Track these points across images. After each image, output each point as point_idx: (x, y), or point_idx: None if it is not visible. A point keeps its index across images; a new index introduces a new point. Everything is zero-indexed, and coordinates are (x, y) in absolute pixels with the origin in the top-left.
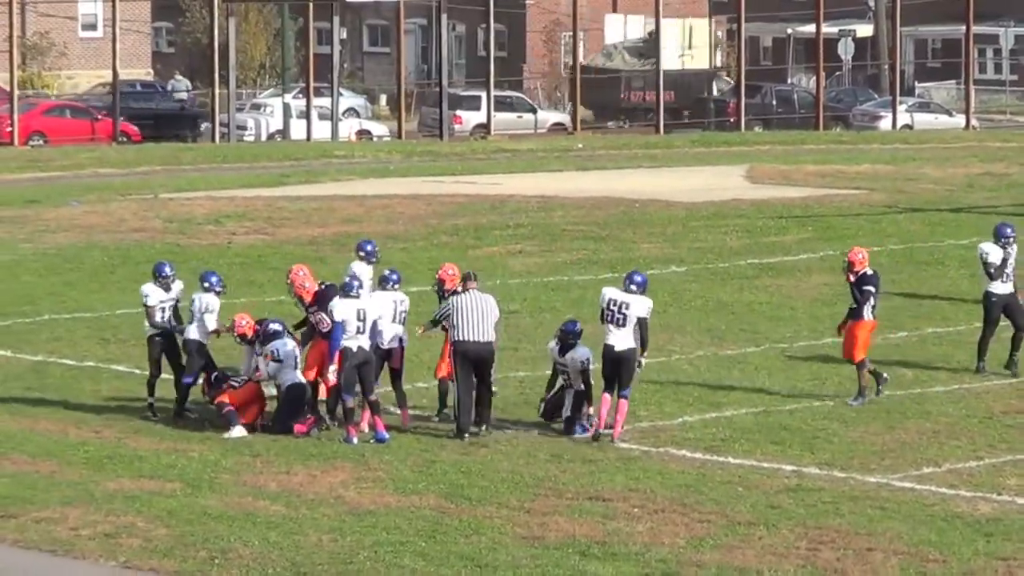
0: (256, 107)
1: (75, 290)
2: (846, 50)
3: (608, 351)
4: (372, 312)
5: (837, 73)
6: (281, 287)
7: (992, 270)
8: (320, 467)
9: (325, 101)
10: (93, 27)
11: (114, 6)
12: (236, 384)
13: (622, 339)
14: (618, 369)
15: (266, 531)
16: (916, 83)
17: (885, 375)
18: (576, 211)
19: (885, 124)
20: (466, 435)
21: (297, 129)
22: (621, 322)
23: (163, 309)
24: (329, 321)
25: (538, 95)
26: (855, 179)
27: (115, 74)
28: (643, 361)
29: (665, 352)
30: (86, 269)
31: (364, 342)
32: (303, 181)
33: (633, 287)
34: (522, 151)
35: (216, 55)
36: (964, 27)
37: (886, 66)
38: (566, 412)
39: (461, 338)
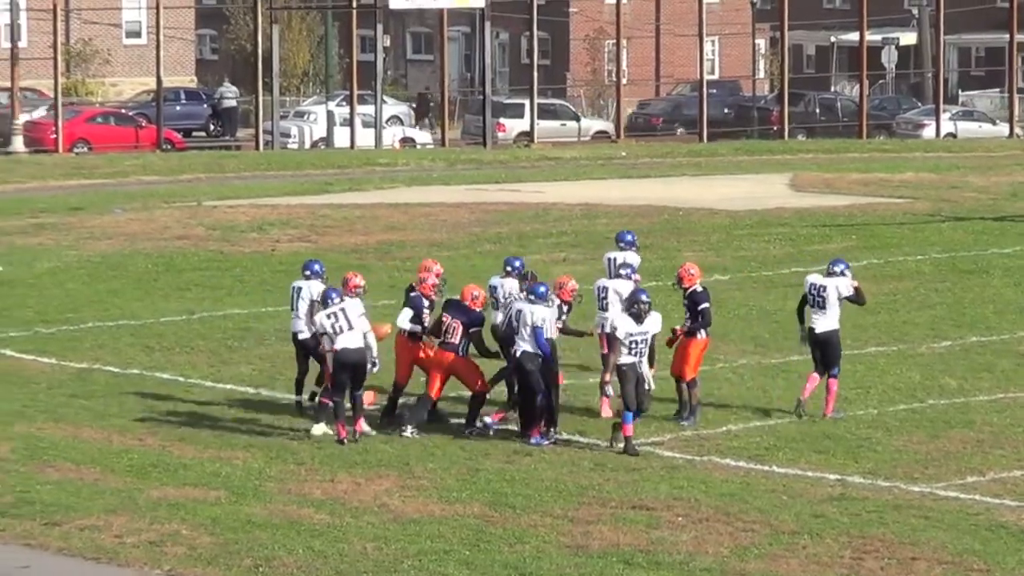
0: (300, 115)
1: (119, 298)
2: (889, 58)
3: (811, 333)
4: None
5: (881, 81)
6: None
7: None
8: (364, 475)
9: (369, 109)
10: (137, 34)
11: (158, 13)
12: None
13: (824, 322)
14: (823, 350)
15: (310, 539)
16: (960, 91)
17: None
18: (619, 219)
19: (929, 132)
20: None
21: (341, 137)
22: (821, 304)
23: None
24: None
25: (581, 103)
26: (898, 188)
27: (159, 81)
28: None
29: (709, 361)
30: (130, 277)
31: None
32: (346, 189)
33: (836, 270)
34: (565, 159)
35: (260, 62)
36: (1008, 35)
37: (929, 74)
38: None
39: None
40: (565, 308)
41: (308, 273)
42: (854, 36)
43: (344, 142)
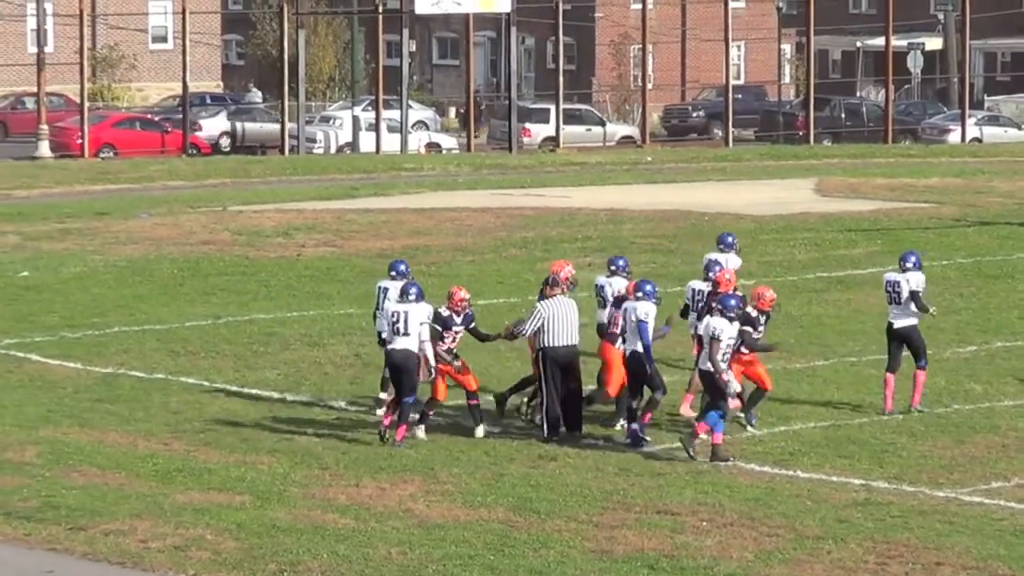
0: (325, 119)
1: (144, 302)
2: (915, 63)
3: (889, 329)
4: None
5: (906, 86)
6: (350, 299)
7: None
8: (389, 480)
9: (394, 114)
10: (163, 39)
11: (184, 19)
12: None
13: (902, 317)
14: (907, 344)
15: (335, 544)
16: (985, 96)
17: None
18: (645, 224)
19: (954, 137)
20: (554, 438)
21: (366, 142)
22: (897, 300)
23: None
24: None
25: (607, 108)
26: (924, 192)
27: (185, 86)
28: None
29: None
30: (155, 281)
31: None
32: (372, 194)
33: (908, 265)
34: (591, 164)
35: (286, 67)
36: None
37: (955, 79)
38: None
39: (550, 344)
40: (763, 319)
41: (394, 273)
42: (880, 41)
43: (370, 147)
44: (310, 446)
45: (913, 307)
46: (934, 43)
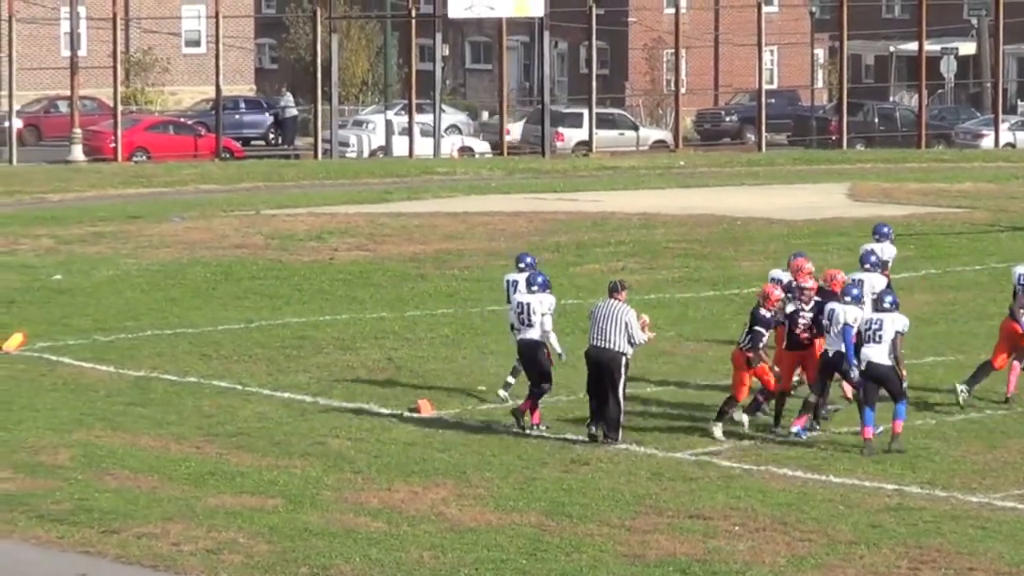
0: (358, 123)
1: (177, 306)
2: (948, 68)
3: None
4: None
5: (939, 91)
6: (383, 303)
7: None
8: (421, 484)
9: (427, 118)
10: (196, 43)
11: (217, 23)
12: None
13: None
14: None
15: (367, 548)
16: (1019, 101)
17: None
18: (678, 228)
19: (987, 142)
20: (594, 438)
21: (399, 146)
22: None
23: None
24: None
25: (640, 112)
26: (957, 197)
27: (218, 90)
28: None
29: None
30: (188, 285)
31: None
32: (405, 198)
33: None
34: (624, 168)
35: (319, 71)
36: None
37: (989, 84)
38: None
39: (589, 343)
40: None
41: (522, 266)
42: (913, 46)
43: (403, 151)
44: (342, 450)
45: None
46: (967, 48)
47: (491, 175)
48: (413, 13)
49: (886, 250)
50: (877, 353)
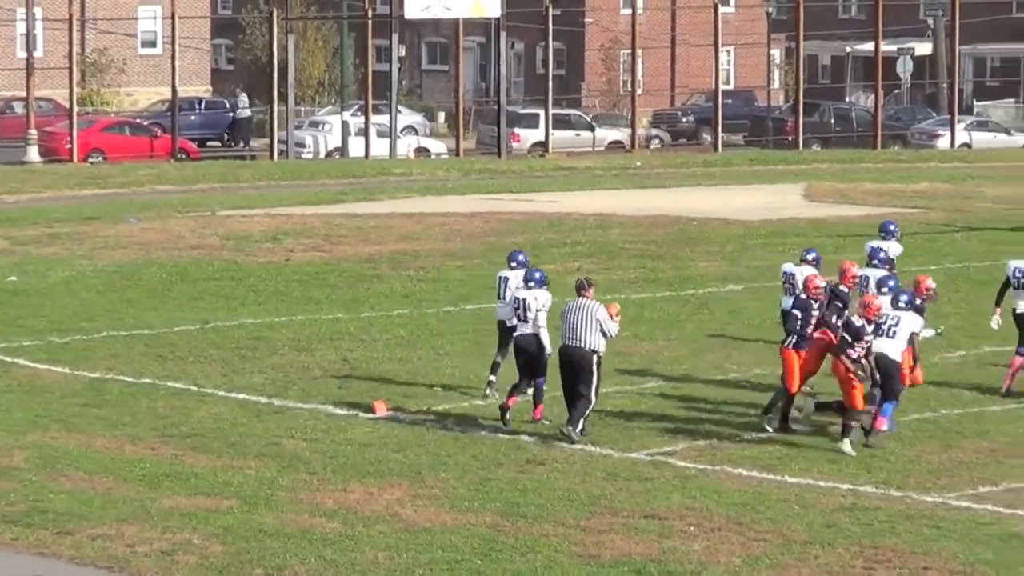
0: (314, 124)
1: (133, 307)
2: (905, 68)
3: (1013, 315)
4: None
5: (895, 91)
6: (339, 304)
7: None
8: (376, 484)
9: (383, 119)
10: (152, 44)
11: (173, 24)
12: None
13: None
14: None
15: (322, 548)
16: (975, 102)
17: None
18: (634, 229)
19: (943, 143)
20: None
21: (355, 146)
22: (1023, 284)
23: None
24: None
25: (596, 113)
26: (913, 198)
27: (174, 91)
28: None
29: (723, 370)
30: (144, 286)
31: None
32: (361, 199)
33: None
34: (580, 169)
35: (275, 72)
36: (1023, 45)
37: (945, 84)
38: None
39: (561, 342)
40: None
41: (514, 264)
42: (869, 46)
43: (359, 152)
44: (297, 450)
45: None
46: (924, 48)
47: (447, 176)
48: (369, 14)
49: (892, 248)
50: (890, 348)
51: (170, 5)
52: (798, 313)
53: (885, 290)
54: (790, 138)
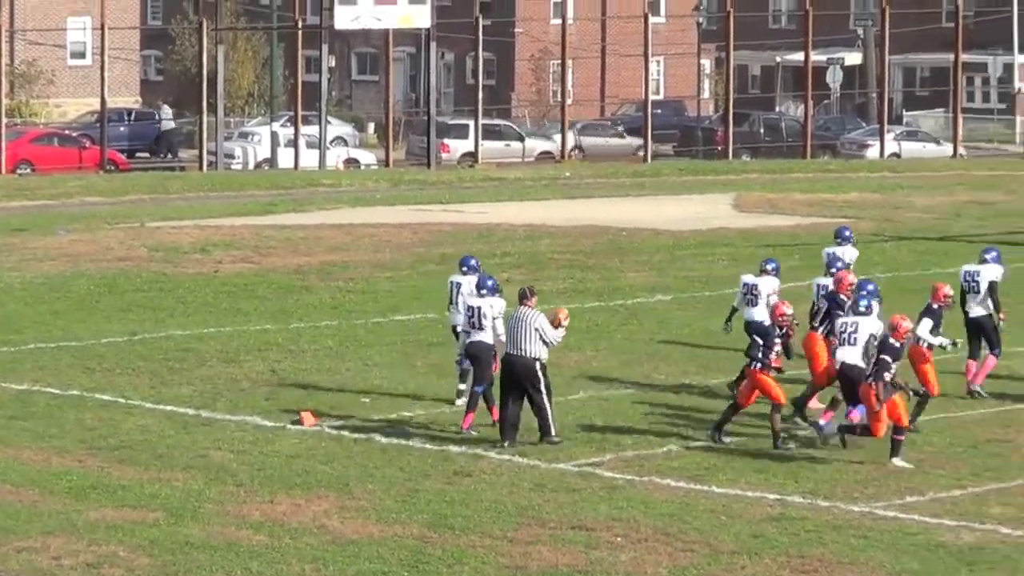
0: (244, 135)
1: (61, 319)
2: (834, 78)
3: (966, 319)
4: None
5: (825, 101)
6: (267, 315)
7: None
8: (304, 496)
9: (313, 129)
10: (82, 55)
11: (103, 34)
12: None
13: (976, 308)
14: (983, 334)
15: (248, 561)
16: (904, 111)
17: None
18: (563, 240)
19: (873, 152)
20: (505, 443)
21: (285, 158)
22: (976, 290)
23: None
24: None
25: (526, 123)
26: (842, 207)
27: (103, 102)
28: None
29: (651, 380)
30: (72, 298)
31: None
32: (290, 210)
33: (988, 257)
34: (509, 179)
35: (204, 83)
36: (953, 56)
37: (874, 94)
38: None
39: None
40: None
41: (465, 269)
42: (799, 56)
43: (288, 163)
44: (225, 462)
45: (988, 300)
46: (853, 58)
47: (377, 187)
48: (299, 24)
49: (848, 252)
50: (851, 355)
51: (99, 16)
52: (759, 340)
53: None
54: (720, 148)
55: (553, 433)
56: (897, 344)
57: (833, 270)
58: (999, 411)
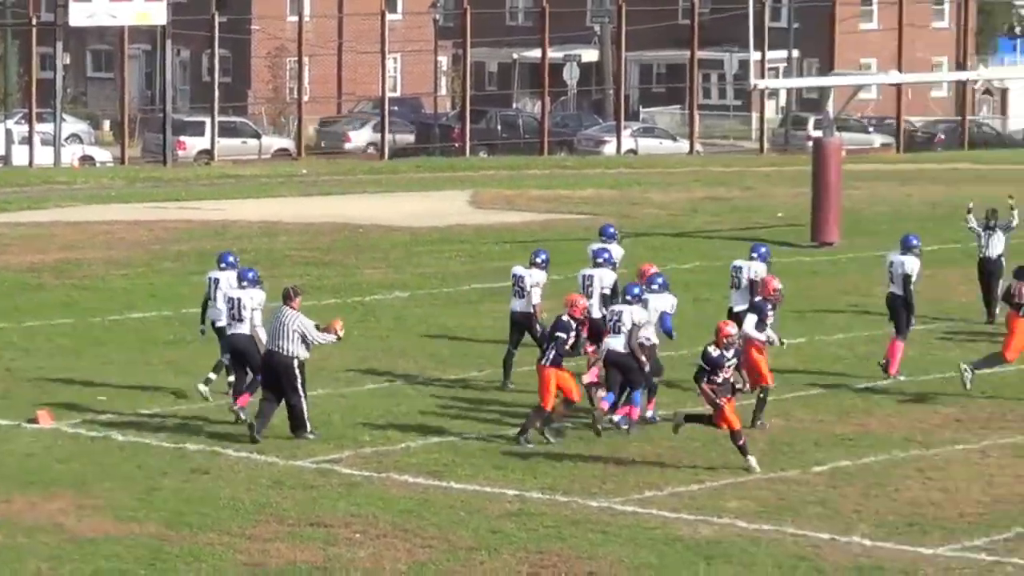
0: None
1: None
2: (571, 75)
3: (729, 313)
4: None
5: (562, 98)
6: (0, 313)
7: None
8: (40, 495)
9: (48, 127)
10: None
11: None
12: None
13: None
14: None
15: None
16: (641, 108)
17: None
18: (300, 237)
19: (609, 149)
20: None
21: (19, 155)
22: (739, 284)
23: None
24: None
25: (262, 120)
26: (579, 204)
27: None
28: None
29: (389, 377)
30: None
31: None
32: (25, 207)
33: (755, 255)
34: (246, 177)
35: None
36: (688, 53)
37: (611, 91)
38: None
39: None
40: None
41: (223, 264)
42: (536, 53)
43: (22, 160)
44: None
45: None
46: (590, 55)
47: (112, 184)
48: (33, 21)
49: (615, 250)
50: (616, 343)
51: None
52: (563, 335)
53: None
54: (457, 145)
55: (308, 429)
56: (715, 353)
57: (600, 261)
58: (739, 406)
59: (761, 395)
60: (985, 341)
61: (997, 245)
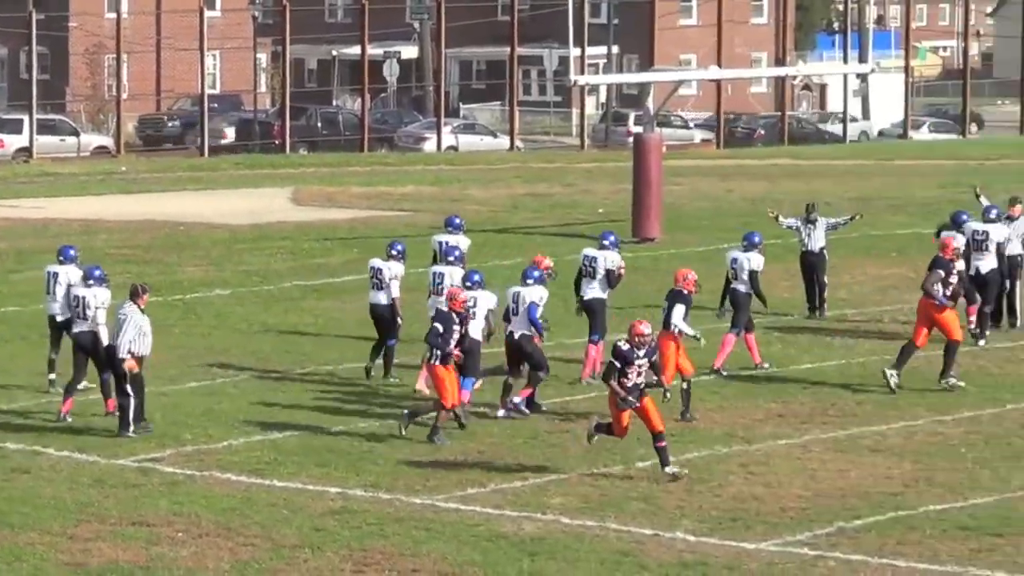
0: None
1: None
2: (391, 72)
3: (580, 301)
4: None
5: (382, 95)
6: None
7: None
8: None
9: None
10: None
11: None
12: None
13: (592, 291)
14: (592, 317)
15: None
16: (461, 105)
17: None
18: (120, 234)
19: (430, 146)
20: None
21: None
22: (592, 275)
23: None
24: None
25: (81, 118)
26: (400, 200)
27: None
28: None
29: (210, 375)
30: None
31: None
32: None
33: (605, 243)
34: (65, 174)
35: None
36: (508, 49)
37: (431, 88)
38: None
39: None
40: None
41: (62, 258)
42: (356, 50)
43: None
44: None
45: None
46: (410, 52)
47: None
48: None
49: (462, 241)
50: (472, 328)
51: None
52: (439, 327)
53: (469, 284)
54: (277, 142)
55: (131, 429)
56: (625, 347)
57: (451, 258)
58: (560, 402)
59: (685, 387)
60: (808, 334)
61: (819, 238)
